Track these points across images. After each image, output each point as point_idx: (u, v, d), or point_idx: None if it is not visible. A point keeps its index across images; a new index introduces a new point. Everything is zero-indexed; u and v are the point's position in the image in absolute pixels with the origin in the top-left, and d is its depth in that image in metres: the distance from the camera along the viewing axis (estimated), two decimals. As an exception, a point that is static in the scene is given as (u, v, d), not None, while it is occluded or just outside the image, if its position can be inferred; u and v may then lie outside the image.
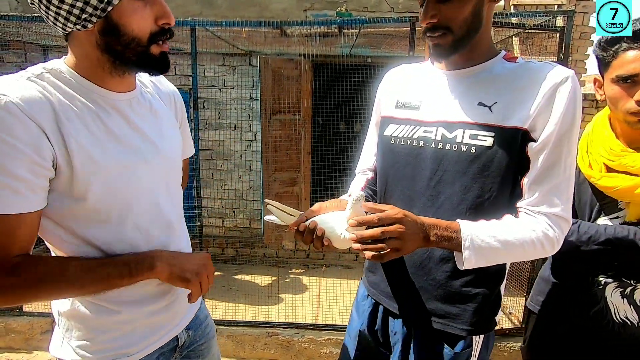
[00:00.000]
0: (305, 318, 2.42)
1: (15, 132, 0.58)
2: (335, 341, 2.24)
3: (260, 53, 3.32)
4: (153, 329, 0.81)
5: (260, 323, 2.34)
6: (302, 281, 3.18)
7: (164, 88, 0.87)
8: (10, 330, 2.29)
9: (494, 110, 0.80)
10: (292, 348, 2.27)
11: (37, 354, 2.27)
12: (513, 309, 2.42)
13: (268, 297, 2.64)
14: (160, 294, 0.80)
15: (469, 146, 0.80)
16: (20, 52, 3.39)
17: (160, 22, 0.66)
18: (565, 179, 0.79)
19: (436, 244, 0.76)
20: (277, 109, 3.39)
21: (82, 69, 0.68)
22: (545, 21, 2.18)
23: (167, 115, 0.84)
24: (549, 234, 0.78)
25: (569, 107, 0.76)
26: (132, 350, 0.78)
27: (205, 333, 0.97)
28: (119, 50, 0.65)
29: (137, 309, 0.77)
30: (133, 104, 0.75)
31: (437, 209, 0.84)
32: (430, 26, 0.80)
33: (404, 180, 0.89)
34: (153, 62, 0.69)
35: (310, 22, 2.22)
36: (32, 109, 0.60)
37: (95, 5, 0.60)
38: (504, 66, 0.83)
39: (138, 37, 0.65)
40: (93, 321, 0.75)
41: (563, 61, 1.95)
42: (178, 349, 0.90)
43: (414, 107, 0.90)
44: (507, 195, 0.82)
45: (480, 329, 0.87)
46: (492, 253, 0.76)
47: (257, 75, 3.43)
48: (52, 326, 2.32)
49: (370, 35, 2.61)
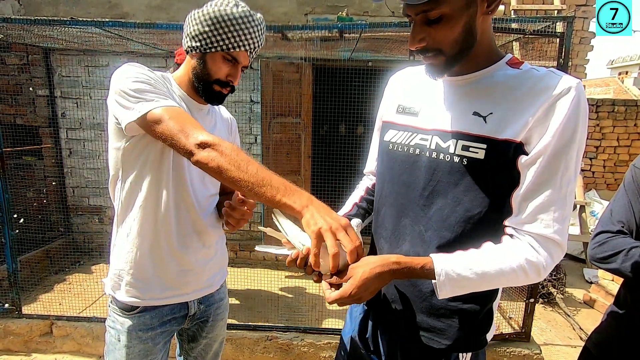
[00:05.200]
0: (304, 322, 2.41)
1: (152, 75, 0.94)
2: (335, 345, 2.23)
3: (261, 56, 3.34)
4: (163, 287, 1.02)
5: (260, 326, 2.33)
6: (301, 285, 3.17)
7: (224, 114, 1.20)
8: (9, 332, 2.29)
9: (489, 121, 0.76)
10: (291, 352, 2.26)
11: (35, 357, 2.27)
12: (513, 313, 2.41)
13: (267, 300, 2.64)
14: (176, 259, 1.02)
15: (461, 157, 0.77)
16: (22, 55, 3.40)
17: (228, 78, 1.00)
18: (560, 198, 0.72)
19: (409, 278, 0.80)
20: (278, 112, 3.40)
21: (181, 81, 1.04)
22: (545, 27, 2.18)
23: (221, 133, 1.13)
24: (532, 260, 0.72)
25: (570, 120, 0.70)
26: (143, 296, 1.00)
27: (216, 314, 1.17)
28: (198, 75, 0.99)
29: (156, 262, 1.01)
30: (202, 113, 1.07)
31: (428, 220, 0.82)
32: (420, 49, 0.77)
33: (399, 187, 0.88)
34: (211, 94, 1.01)
35: (311, 26, 2.23)
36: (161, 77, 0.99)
37: (198, 47, 0.96)
38: (506, 73, 0.78)
39: (209, 75, 0.99)
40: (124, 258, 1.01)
41: (563, 66, 1.96)
42: (189, 318, 1.10)
43: (414, 114, 0.88)
44: (498, 212, 0.77)
45: (466, 346, 0.83)
46: (468, 284, 0.74)
47: (257, 79, 3.44)
48: (51, 328, 2.33)
49: (371, 40, 2.62)
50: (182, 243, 1.02)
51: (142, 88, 0.87)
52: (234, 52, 0.96)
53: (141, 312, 1.01)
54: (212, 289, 1.14)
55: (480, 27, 0.76)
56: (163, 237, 0.99)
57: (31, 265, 3.14)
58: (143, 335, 1.01)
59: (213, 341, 1.20)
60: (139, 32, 2.39)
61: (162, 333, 1.05)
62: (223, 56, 0.96)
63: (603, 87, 13.27)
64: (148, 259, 1.00)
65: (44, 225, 3.44)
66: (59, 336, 2.30)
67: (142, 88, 0.87)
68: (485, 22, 0.77)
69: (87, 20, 2.15)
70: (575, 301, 3.31)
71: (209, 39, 0.93)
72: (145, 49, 3.13)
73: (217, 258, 1.15)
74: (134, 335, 1.00)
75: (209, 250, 1.10)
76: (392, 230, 0.88)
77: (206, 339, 1.17)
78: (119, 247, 1.01)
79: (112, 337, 1.03)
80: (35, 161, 3.57)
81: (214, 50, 0.95)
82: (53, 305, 2.56)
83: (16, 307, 2.30)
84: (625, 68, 16.81)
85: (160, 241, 0.99)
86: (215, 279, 1.15)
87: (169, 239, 1.00)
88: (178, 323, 1.09)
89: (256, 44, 0.98)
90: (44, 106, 3.44)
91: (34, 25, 2.19)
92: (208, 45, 0.94)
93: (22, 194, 3.44)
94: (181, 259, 1.03)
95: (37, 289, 2.95)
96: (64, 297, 2.78)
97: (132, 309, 1.01)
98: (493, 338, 2.21)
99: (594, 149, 5.47)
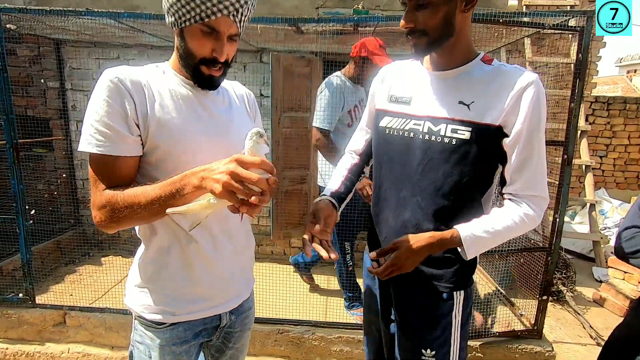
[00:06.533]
0: (314, 316, 2.42)
1: (113, 96, 0.80)
2: (346, 339, 2.24)
3: (272, 50, 3.32)
4: (196, 299, 0.93)
5: (271, 320, 2.34)
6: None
7: (238, 90, 1.08)
8: (23, 322, 2.31)
9: (472, 108, 0.95)
10: (302, 345, 2.27)
11: (49, 346, 2.29)
12: (524, 311, 2.40)
13: (277, 294, 2.64)
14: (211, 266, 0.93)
15: (451, 139, 0.95)
16: (33, 46, 3.40)
17: (214, 54, 0.85)
18: (540, 166, 0.95)
19: (442, 249, 0.99)
20: (288, 106, 3.38)
21: (176, 66, 0.92)
22: (563, 21, 2.15)
23: (239, 111, 1.02)
24: (529, 214, 0.96)
25: (535, 108, 0.91)
26: (178, 311, 0.92)
27: (244, 323, 1.09)
28: (182, 56, 0.87)
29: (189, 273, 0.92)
30: (210, 96, 0.94)
31: (422, 190, 1.00)
32: (408, 30, 0.95)
33: (396, 165, 1.05)
34: (201, 78, 0.88)
35: (327, 19, 2.21)
36: (129, 83, 0.82)
37: (174, 22, 0.84)
38: (481, 69, 0.97)
39: (193, 55, 0.86)
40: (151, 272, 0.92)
41: (582, 63, 1.93)
42: (220, 329, 1.02)
43: (406, 102, 1.05)
44: (481, 182, 1.00)
45: (459, 285, 1.05)
46: (487, 242, 0.96)
47: (267, 72, 3.42)
48: (64, 318, 2.35)
49: (385, 34, 2.60)
50: (214, 247, 0.93)
51: (102, 122, 0.80)
52: (211, 21, 0.81)
53: (173, 324, 0.92)
54: (243, 297, 1.06)
55: (459, 23, 0.94)
56: (193, 243, 0.90)
57: (42, 256, 3.16)
58: (177, 350, 0.93)
59: (240, 352, 1.13)
60: (153, 24, 2.38)
61: (195, 345, 0.98)
62: (200, 29, 0.82)
63: (611, 86, 13.10)
64: (179, 269, 0.91)
65: (55, 217, 3.46)
66: (72, 326, 2.32)
67: (102, 122, 0.80)
68: (464, 21, 0.95)
69: (102, 12, 2.14)
70: (585, 300, 3.30)
71: (181, 10, 0.80)
72: (156, 42, 3.12)
73: (247, 261, 1.07)
74: (167, 351, 0.92)
75: (240, 253, 1.02)
76: (395, 202, 1.06)
77: (232, 350, 1.09)
78: (145, 261, 0.93)
79: (141, 354, 0.94)
80: (46, 153, 3.58)
81: (189, 23, 0.81)
82: (64, 296, 2.58)
83: (30, 297, 2.32)
84: (634, 66, 16.58)
85: (190, 248, 0.91)
86: (246, 286, 1.07)
87: (199, 246, 0.91)
88: (208, 334, 1.00)
89: (238, 4, 0.81)
90: (55, 98, 3.45)
91: (48, 15, 2.19)
92: (182, 19, 0.81)
93: (33, 186, 3.46)
94: (215, 266, 0.94)
95: (48, 279, 2.97)
96: (75, 288, 2.80)
97: (163, 323, 0.92)
98: (504, 334, 2.22)
99: (604, 147, 5.41)
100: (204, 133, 0.89)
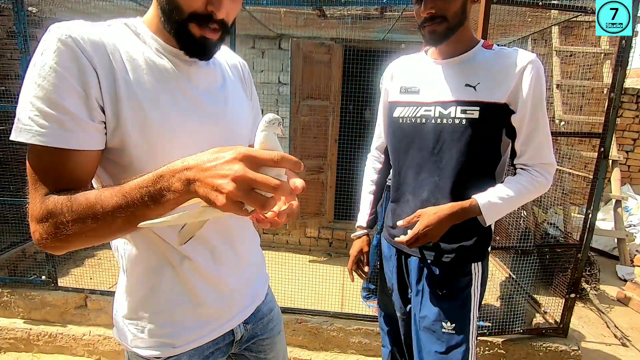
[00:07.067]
0: (331, 306, 2.40)
1: (66, 63, 0.56)
2: (365, 331, 2.21)
3: (292, 36, 3.25)
4: (202, 322, 0.76)
5: (289, 309, 2.33)
6: (325, 269, 3.16)
7: (231, 59, 0.85)
8: (46, 304, 2.35)
9: (478, 89, 1.02)
10: (320, 335, 2.25)
11: (70, 328, 2.33)
12: (549, 308, 2.33)
13: (293, 283, 2.63)
14: (212, 284, 0.76)
15: (461, 119, 1.03)
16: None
17: (209, 7, 0.62)
18: (545, 136, 1.04)
19: (461, 219, 1.05)
20: (307, 94, 3.32)
21: (152, 25, 0.68)
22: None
23: (235, 86, 0.81)
24: (539, 179, 1.05)
25: (536, 84, 0.99)
26: (178, 342, 0.74)
27: (269, 328, 0.91)
28: (164, 9, 0.64)
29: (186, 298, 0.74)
30: (198, 67, 0.71)
31: (441, 170, 1.08)
32: (429, 16, 0.99)
33: (412, 151, 1.13)
34: (190, 40, 0.65)
35: (353, 1, 2.13)
36: (88, 46, 0.59)
37: None
38: (483, 54, 1.05)
39: (179, 8, 0.62)
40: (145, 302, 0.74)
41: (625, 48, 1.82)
42: (235, 344, 0.85)
43: (415, 92, 1.12)
44: (492, 154, 1.08)
45: (477, 258, 1.12)
46: (503, 208, 1.05)
47: (286, 59, 3.36)
48: (85, 302, 2.38)
49: (411, 19, 2.51)
50: (213, 261, 0.75)
51: (47, 100, 0.55)
52: None
53: (176, 355, 0.75)
54: (257, 302, 0.88)
55: (468, 12, 1.03)
56: (187, 261, 0.72)
57: (63, 239, 3.20)
58: None
59: None
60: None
61: None
62: None
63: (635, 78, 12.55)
64: (174, 293, 0.73)
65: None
66: (93, 309, 2.35)
67: (47, 100, 0.55)
68: (471, 10, 1.04)
69: (123, -7, 2.10)
70: (608, 298, 3.20)
71: None
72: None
73: (254, 261, 0.89)
74: None
75: (246, 257, 0.84)
76: (414, 185, 1.14)
77: None
78: (130, 286, 0.74)
79: None
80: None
81: None
82: (84, 279, 2.61)
83: (52, 280, 2.35)
84: (662, 58, 15.92)
85: (184, 266, 0.72)
86: (258, 288, 0.90)
87: (194, 263, 0.72)
88: (222, 353, 0.83)
89: None
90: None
91: None
92: None
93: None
94: (217, 281, 0.76)
95: (69, 263, 3.02)
96: (94, 272, 2.83)
97: (162, 357, 0.76)
98: (529, 331, 2.16)
99: (632, 141, 5.21)
100: (196, 119, 0.69)
